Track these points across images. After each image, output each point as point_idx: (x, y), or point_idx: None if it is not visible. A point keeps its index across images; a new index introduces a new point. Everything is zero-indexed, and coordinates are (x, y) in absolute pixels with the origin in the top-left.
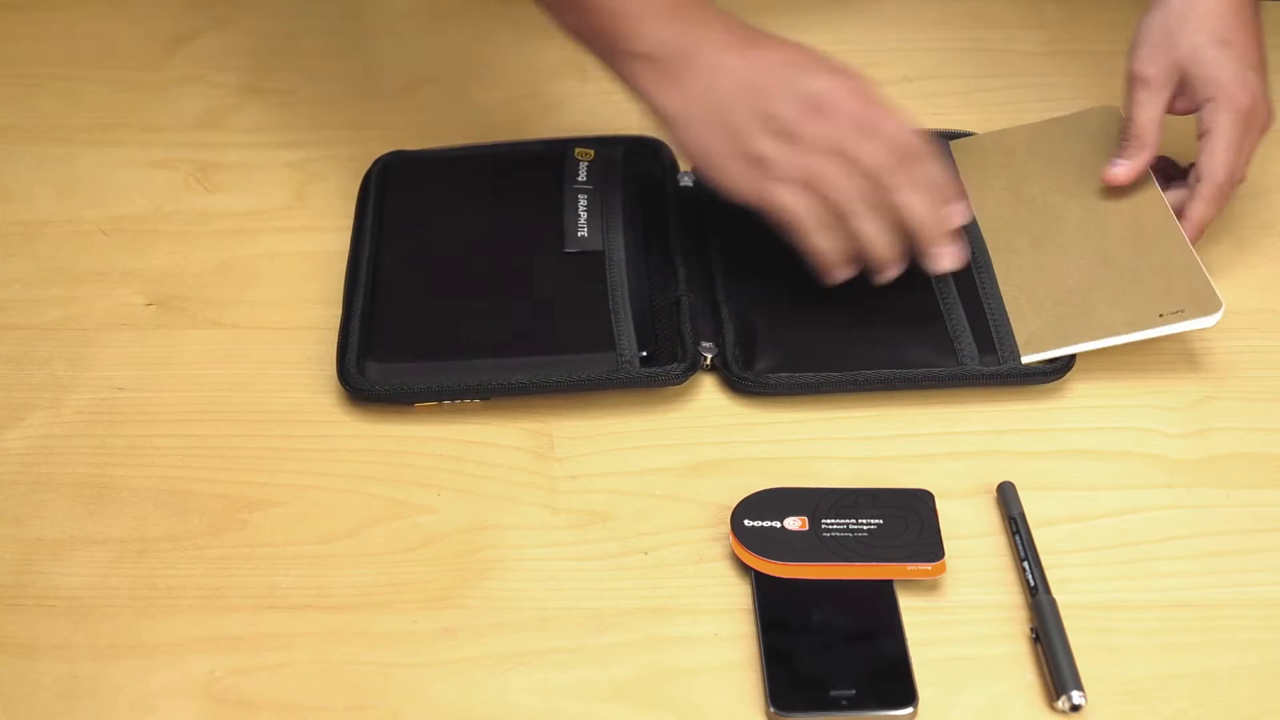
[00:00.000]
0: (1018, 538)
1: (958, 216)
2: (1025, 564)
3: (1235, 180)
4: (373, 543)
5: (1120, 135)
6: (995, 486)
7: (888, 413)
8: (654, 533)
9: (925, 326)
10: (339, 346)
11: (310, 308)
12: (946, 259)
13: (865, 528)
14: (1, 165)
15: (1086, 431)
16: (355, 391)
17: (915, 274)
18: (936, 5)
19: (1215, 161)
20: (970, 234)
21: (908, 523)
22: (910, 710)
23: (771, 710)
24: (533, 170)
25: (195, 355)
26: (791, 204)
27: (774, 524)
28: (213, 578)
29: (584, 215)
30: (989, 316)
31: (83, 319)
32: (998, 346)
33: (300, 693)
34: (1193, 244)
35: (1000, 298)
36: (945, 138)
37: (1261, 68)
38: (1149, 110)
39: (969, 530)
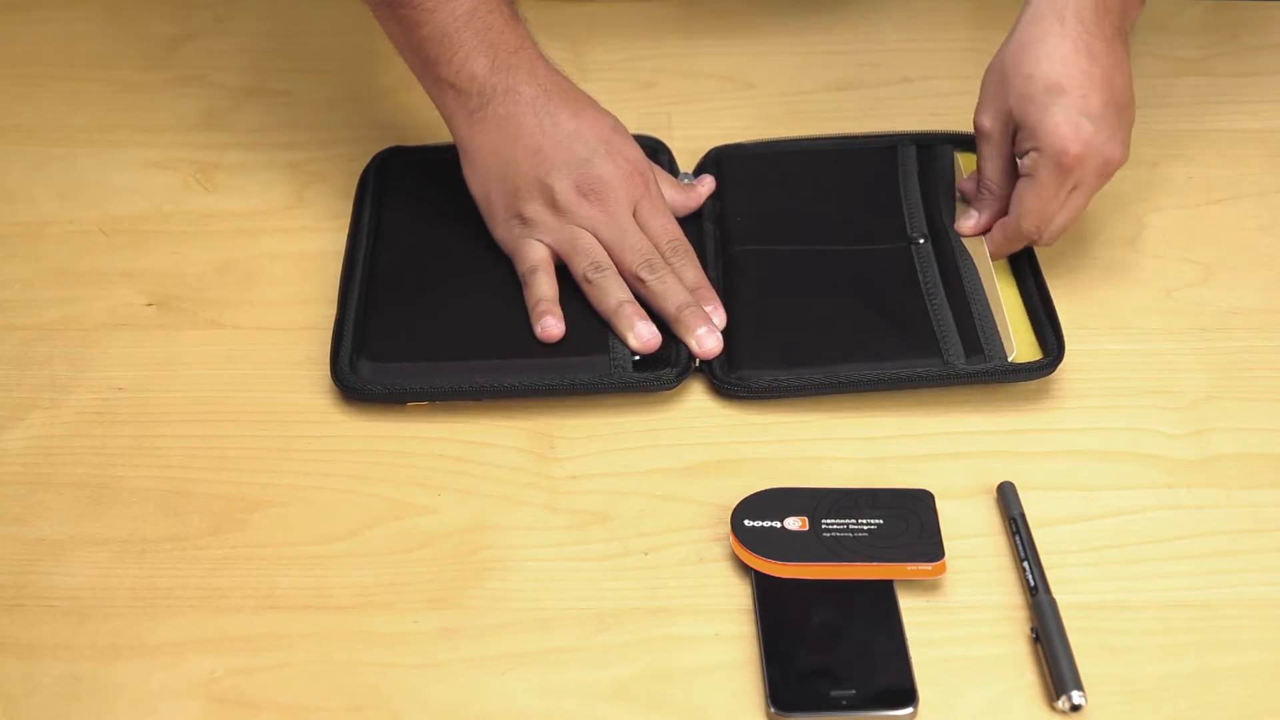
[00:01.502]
0: (1018, 538)
1: (714, 316)
2: (1025, 564)
3: (1034, 227)
4: (373, 543)
5: (974, 187)
6: (995, 487)
7: (887, 413)
8: (654, 533)
9: (912, 327)
10: (333, 345)
11: (310, 308)
12: (705, 343)
13: (865, 528)
14: (1, 165)
15: (1086, 431)
16: (347, 390)
17: (902, 276)
18: (936, 5)
19: (1021, 207)
20: (954, 237)
21: (908, 523)
22: (910, 710)
23: (771, 710)
24: None
25: (195, 355)
26: (533, 258)
27: (774, 524)
28: (213, 578)
29: None
30: (975, 316)
31: (83, 319)
32: (984, 345)
33: (300, 693)
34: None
35: (985, 298)
36: (946, 139)
37: (1107, 110)
38: (993, 164)
39: (969, 530)
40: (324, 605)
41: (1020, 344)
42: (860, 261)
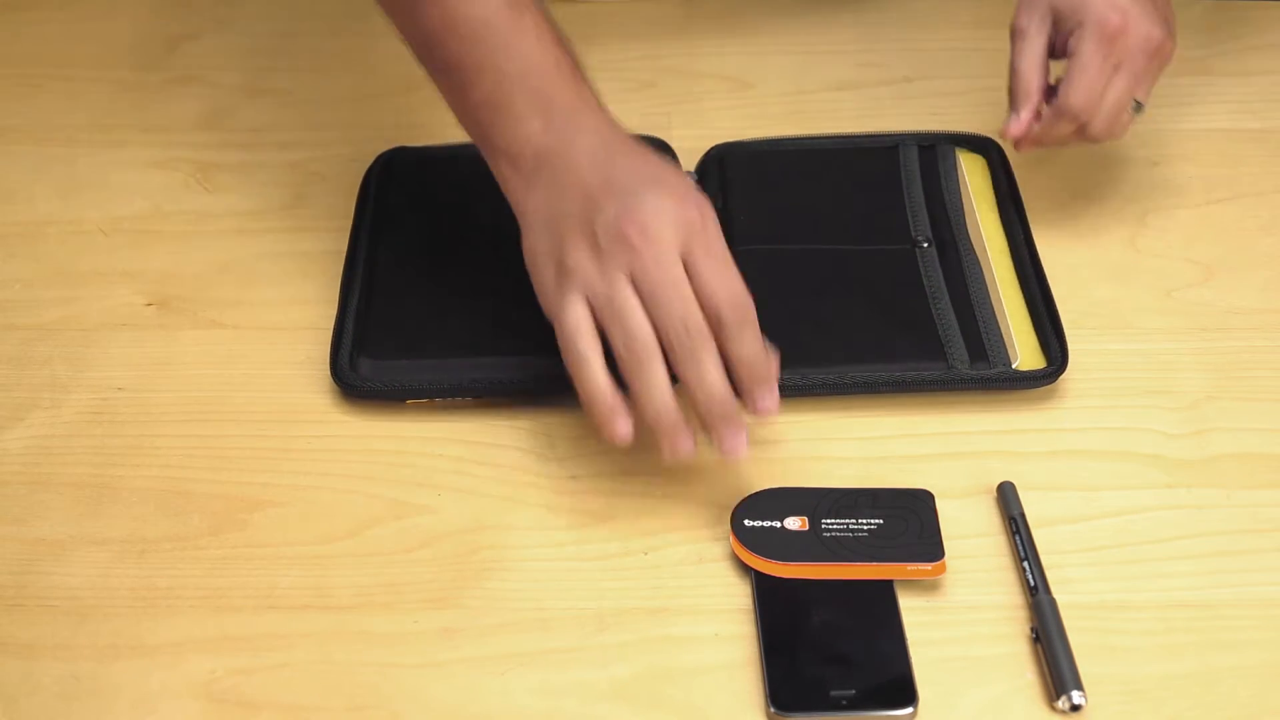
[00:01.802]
0: (1018, 538)
1: (760, 404)
2: (1025, 564)
3: (1084, 106)
4: (373, 543)
5: (1009, 89)
6: (995, 487)
7: (887, 413)
8: (654, 533)
9: (916, 331)
10: (333, 342)
11: (310, 308)
12: (730, 448)
13: (865, 528)
14: (2, 165)
15: (1086, 431)
16: (347, 388)
17: (905, 279)
18: (936, 5)
19: (1068, 85)
20: (959, 241)
21: (908, 523)
22: (910, 710)
23: (771, 710)
24: None
25: (195, 355)
26: (571, 322)
27: (774, 524)
28: (213, 578)
29: None
30: (979, 321)
31: (83, 319)
32: (988, 351)
33: (300, 693)
34: (1019, 149)
35: (990, 303)
36: (947, 139)
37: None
38: (1026, 59)
39: (969, 530)
40: (324, 605)
41: (1024, 349)
42: (863, 262)
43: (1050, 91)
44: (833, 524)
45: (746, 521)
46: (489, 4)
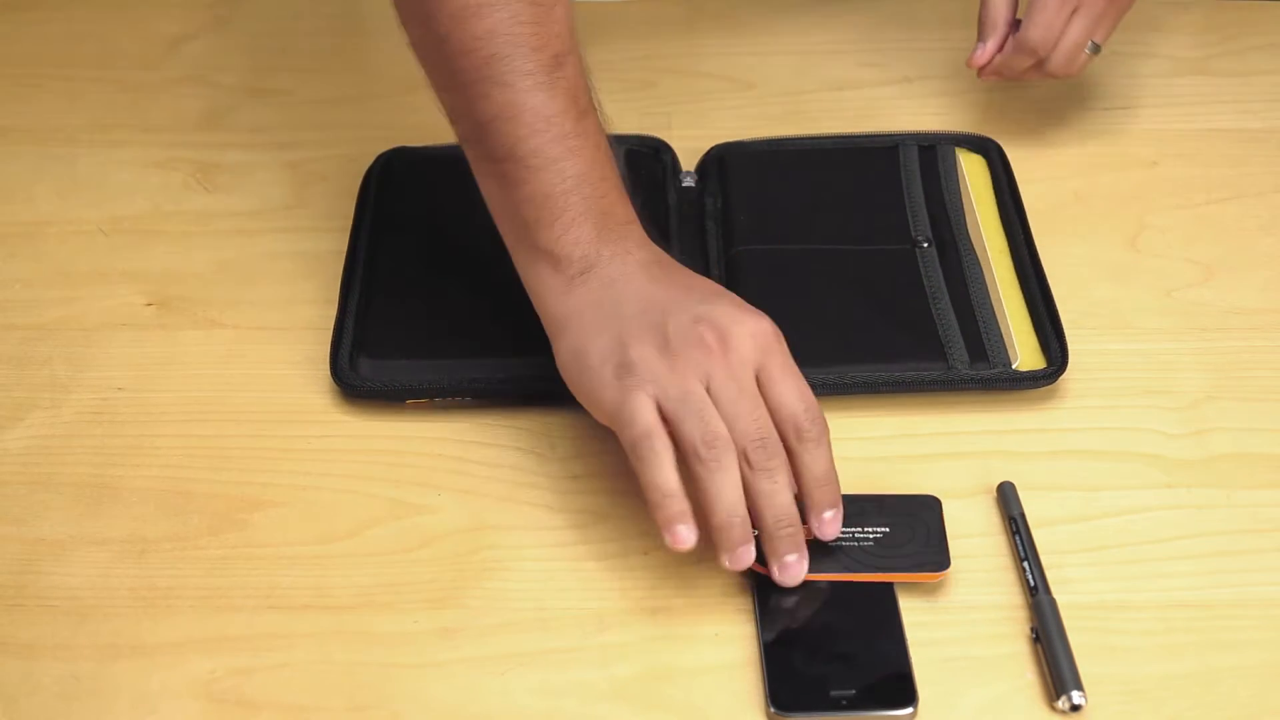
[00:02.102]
0: (1018, 538)
1: (827, 527)
2: (1025, 564)
3: (1045, 40)
4: (373, 543)
5: (979, 21)
6: (995, 487)
7: (887, 413)
8: (654, 533)
9: (916, 331)
10: (333, 342)
11: (310, 308)
12: (790, 571)
13: (871, 537)
14: (1, 165)
15: (1086, 432)
16: (347, 388)
17: (905, 279)
18: (936, 5)
19: (1028, 21)
20: (959, 241)
21: (914, 530)
22: (910, 710)
23: (771, 710)
24: None
25: (195, 355)
26: (642, 419)
27: None
28: (213, 578)
29: None
30: (979, 321)
31: (83, 319)
32: (988, 351)
33: (300, 693)
34: (981, 77)
35: (990, 303)
36: (947, 139)
37: None
38: None
39: (969, 530)
40: (324, 605)
41: (1024, 350)
42: (864, 262)
43: (1017, 26)
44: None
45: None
46: (555, 100)
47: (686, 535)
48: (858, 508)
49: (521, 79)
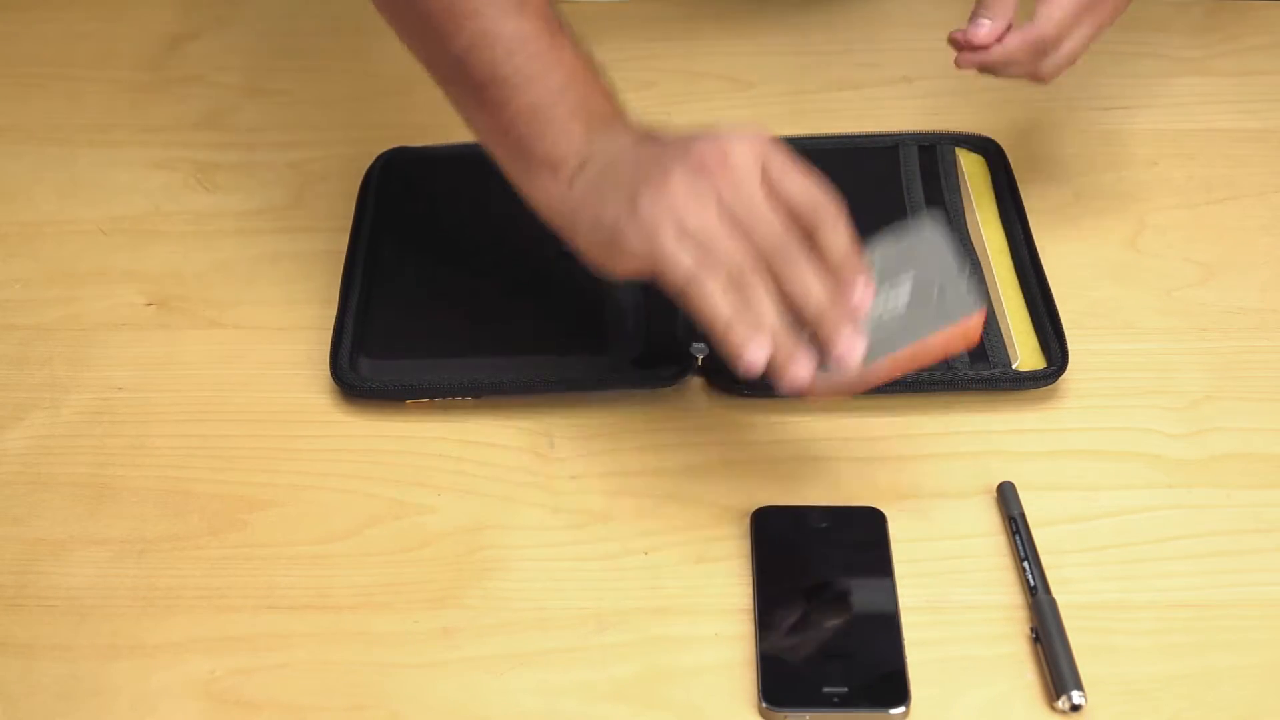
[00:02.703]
0: (1018, 538)
1: (863, 295)
2: (1025, 564)
3: (1057, 40)
4: (373, 543)
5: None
6: (995, 487)
7: (887, 413)
8: (653, 533)
9: None
10: (333, 342)
11: (310, 308)
12: (845, 347)
13: (898, 301)
14: (1, 165)
15: (1086, 432)
16: (347, 387)
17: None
18: (936, 5)
19: (1052, 13)
20: (959, 241)
21: (930, 281)
22: (902, 710)
23: (763, 705)
24: None
25: (195, 355)
26: (673, 260)
27: None
28: (213, 578)
29: None
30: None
31: (83, 319)
32: (988, 351)
33: (300, 693)
34: (961, 61)
35: (990, 304)
36: (947, 139)
37: None
38: None
39: (969, 530)
40: (324, 605)
41: (1024, 350)
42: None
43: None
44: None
45: None
46: (526, 23)
47: (757, 355)
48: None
49: (489, 7)
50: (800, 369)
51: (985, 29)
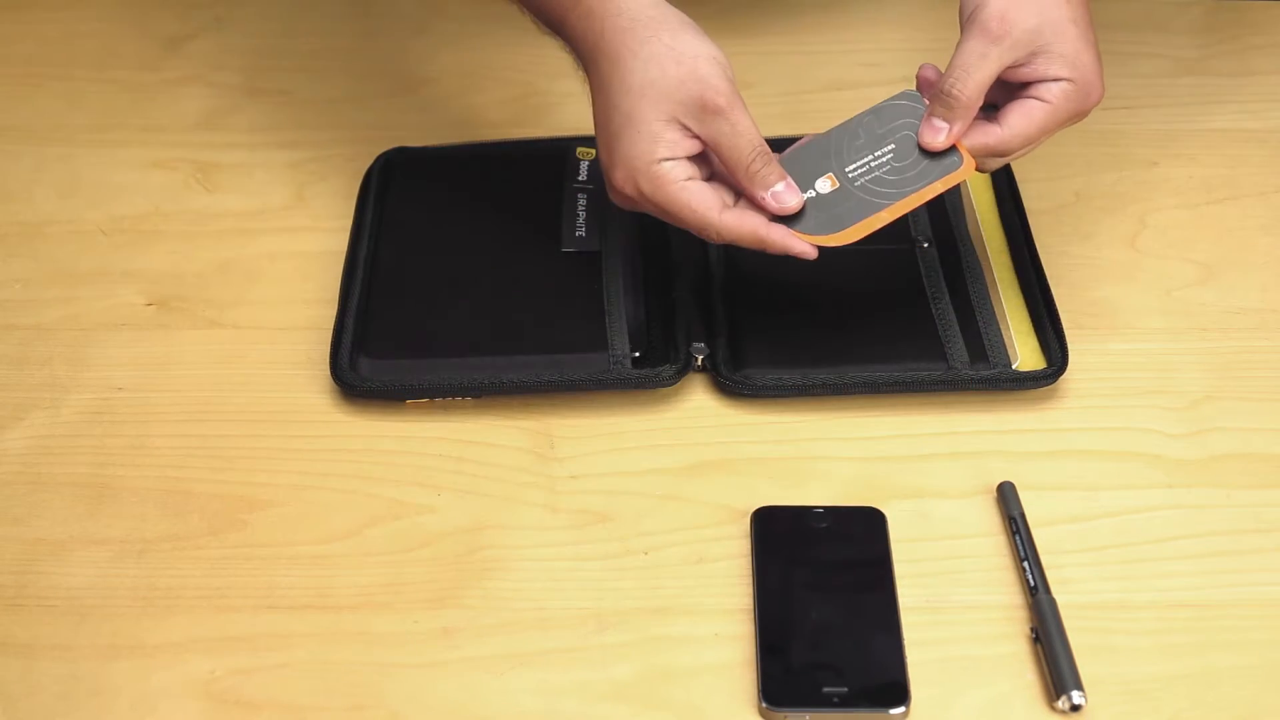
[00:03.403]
0: (1018, 538)
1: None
2: (1025, 564)
3: (1019, 152)
4: (373, 543)
5: (943, 88)
6: (995, 487)
7: (887, 413)
8: (654, 533)
9: (916, 331)
10: (333, 342)
11: (310, 308)
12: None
13: (884, 161)
14: (1, 165)
15: (1086, 432)
16: (347, 387)
17: (906, 279)
18: (936, 5)
19: (1028, 129)
20: (959, 241)
21: (911, 142)
22: (902, 710)
23: (763, 705)
24: (534, 169)
25: (195, 355)
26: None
27: (809, 194)
28: (213, 578)
29: (583, 215)
30: (979, 321)
31: (83, 319)
32: (989, 351)
33: (300, 693)
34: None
35: (990, 303)
36: None
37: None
38: (991, 69)
39: (969, 530)
40: (324, 605)
41: (1024, 350)
42: (864, 262)
43: None
44: (858, 170)
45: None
46: None
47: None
48: (852, 136)
49: None
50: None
51: (942, 133)
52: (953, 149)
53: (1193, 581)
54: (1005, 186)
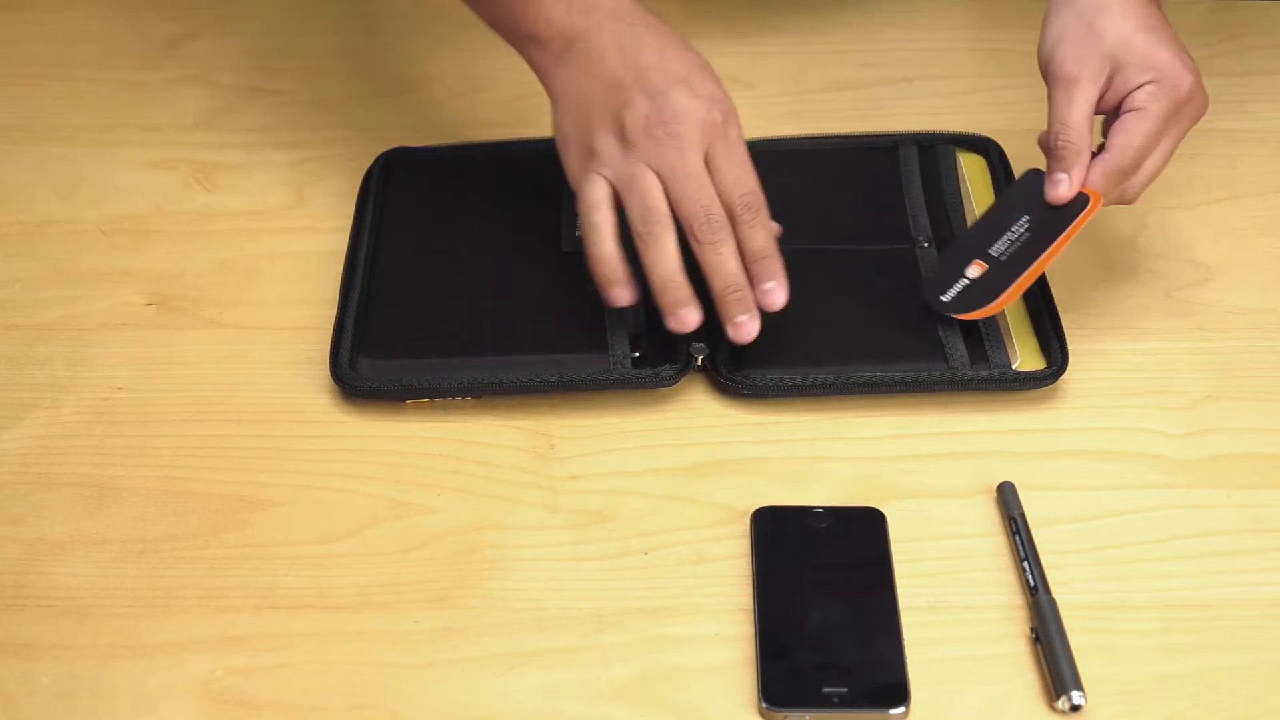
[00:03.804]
0: (1018, 538)
1: (768, 297)
2: (1025, 564)
3: (1137, 167)
4: (373, 543)
5: (1049, 145)
6: (995, 487)
7: (887, 413)
8: (653, 533)
9: (916, 331)
10: (333, 342)
11: (310, 308)
12: (741, 330)
13: (1021, 231)
14: (1, 165)
15: (1086, 432)
16: (347, 387)
17: (905, 279)
18: (936, 5)
19: (1131, 141)
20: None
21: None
22: (902, 710)
23: (763, 705)
24: (534, 169)
25: (195, 355)
26: (592, 196)
27: (964, 281)
28: (213, 578)
29: None
30: (979, 322)
31: (83, 319)
32: (988, 351)
33: (300, 693)
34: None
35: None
36: (947, 139)
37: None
38: (1081, 109)
39: (969, 530)
40: (324, 605)
41: (1023, 350)
42: (863, 262)
43: None
44: (1002, 246)
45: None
46: None
47: (621, 295)
48: (990, 223)
49: None
50: (690, 317)
51: (1064, 185)
52: (1078, 195)
53: (1193, 581)
54: (1005, 186)
